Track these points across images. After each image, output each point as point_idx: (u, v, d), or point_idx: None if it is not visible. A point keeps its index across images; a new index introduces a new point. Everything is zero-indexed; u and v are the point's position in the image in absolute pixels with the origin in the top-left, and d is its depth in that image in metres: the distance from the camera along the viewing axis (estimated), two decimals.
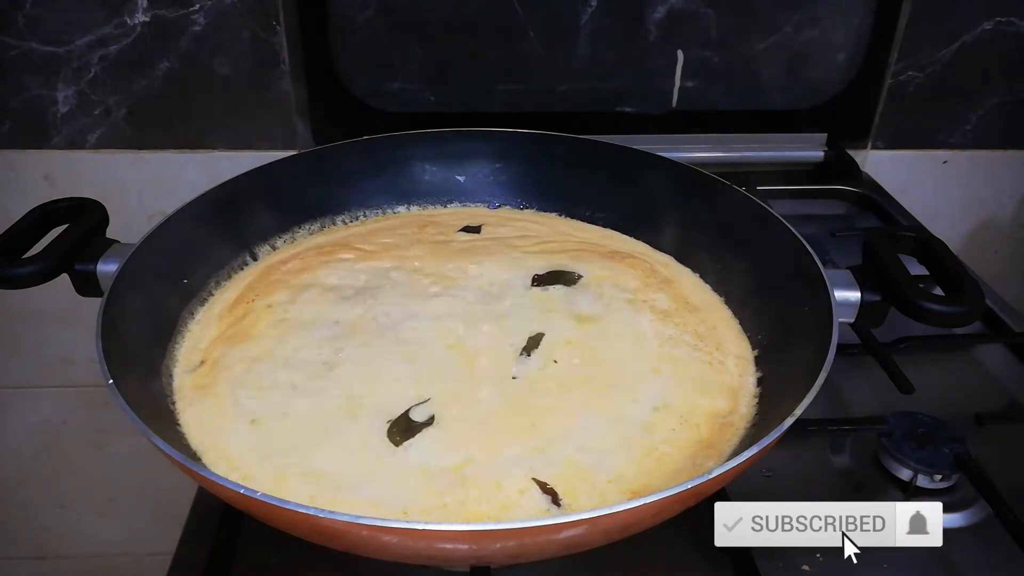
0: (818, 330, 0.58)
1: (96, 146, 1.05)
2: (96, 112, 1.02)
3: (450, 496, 0.53)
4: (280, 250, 0.80)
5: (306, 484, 0.54)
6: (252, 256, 0.79)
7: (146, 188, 1.07)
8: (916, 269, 0.63)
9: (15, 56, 0.98)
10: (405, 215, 0.88)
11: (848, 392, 0.75)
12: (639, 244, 0.83)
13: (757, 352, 0.67)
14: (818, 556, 0.58)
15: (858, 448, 0.68)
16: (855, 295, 0.62)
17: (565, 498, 0.53)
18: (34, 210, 0.67)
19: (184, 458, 0.47)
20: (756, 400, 0.63)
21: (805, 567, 0.58)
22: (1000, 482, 0.61)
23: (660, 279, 0.76)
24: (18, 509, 1.35)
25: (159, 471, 0.72)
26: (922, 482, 0.64)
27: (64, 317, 1.12)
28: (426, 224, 0.84)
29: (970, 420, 0.70)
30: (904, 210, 1.03)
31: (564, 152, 0.86)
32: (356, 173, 0.86)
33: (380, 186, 0.87)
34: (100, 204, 0.69)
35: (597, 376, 0.64)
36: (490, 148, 0.88)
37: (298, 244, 0.82)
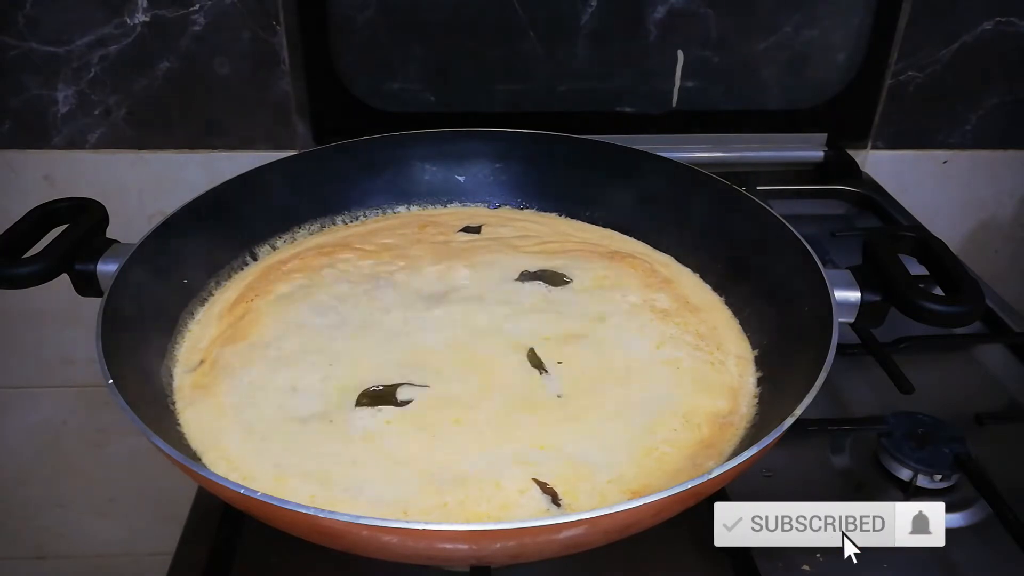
0: (818, 330, 0.58)
1: (96, 146, 1.05)
2: (96, 112, 1.02)
3: (450, 496, 0.53)
4: (280, 250, 0.80)
5: (306, 484, 0.54)
6: (252, 256, 0.79)
7: (146, 188, 1.07)
8: (916, 269, 0.63)
9: (15, 56, 0.98)
10: (405, 215, 0.88)
11: (848, 392, 0.75)
12: (639, 244, 0.83)
13: (757, 352, 0.68)
14: (818, 556, 0.58)
15: (858, 448, 0.68)
16: (855, 295, 0.62)
17: (565, 498, 0.53)
18: (34, 210, 0.67)
19: (184, 458, 0.47)
20: (756, 400, 0.63)
21: (805, 567, 0.58)
22: (1000, 482, 0.61)
23: (660, 279, 0.76)
24: (18, 509, 1.35)
25: (159, 471, 0.72)
26: (922, 482, 0.64)
27: (64, 317, 1.12)
28: (426, 224, 0.84)
29: (970, 420, 0.70)
30: (904, 210, 1.03)
31: (564, 152, 0.86)
32: (356, 173, 0.86)
33: (380, 186, 0.87)
34: (100, 204, 0.69)
35: (598, 376, 0.64)
36: (490, 148, 0.88)
37: (298, 244, 0.82)
